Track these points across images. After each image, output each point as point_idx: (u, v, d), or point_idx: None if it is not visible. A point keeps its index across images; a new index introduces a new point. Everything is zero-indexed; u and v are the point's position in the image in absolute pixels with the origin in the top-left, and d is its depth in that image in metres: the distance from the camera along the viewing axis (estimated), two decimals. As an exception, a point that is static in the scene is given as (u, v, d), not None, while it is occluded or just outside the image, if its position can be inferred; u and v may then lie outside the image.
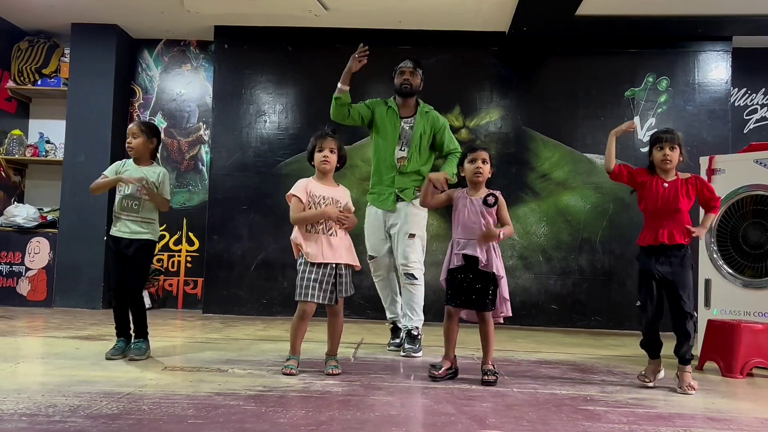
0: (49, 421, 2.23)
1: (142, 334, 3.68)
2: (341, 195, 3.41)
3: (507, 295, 3.29)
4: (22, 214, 6.33)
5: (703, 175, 4.42)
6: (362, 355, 4.04)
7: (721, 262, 4.27)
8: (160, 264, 6.65)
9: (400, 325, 4.25)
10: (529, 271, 6.15)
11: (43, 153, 6.61)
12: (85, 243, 6.25)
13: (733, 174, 4.25)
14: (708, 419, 2.62)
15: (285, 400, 2.66)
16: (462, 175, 3.41)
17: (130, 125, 3.76)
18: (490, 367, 3.23)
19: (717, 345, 3.80)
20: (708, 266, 4.30)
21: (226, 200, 6.33)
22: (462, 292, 3.25)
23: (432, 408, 2.64)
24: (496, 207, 3.27)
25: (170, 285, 6.67)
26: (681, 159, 3.31)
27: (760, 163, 4.12)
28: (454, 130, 6.22)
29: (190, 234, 6.68)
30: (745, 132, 6.49)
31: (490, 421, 2.44)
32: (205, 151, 6.74)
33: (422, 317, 4.15)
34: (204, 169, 6.72)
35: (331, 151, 3.39)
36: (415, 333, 4.08)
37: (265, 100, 6.44)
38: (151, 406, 2.48)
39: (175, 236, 6.67)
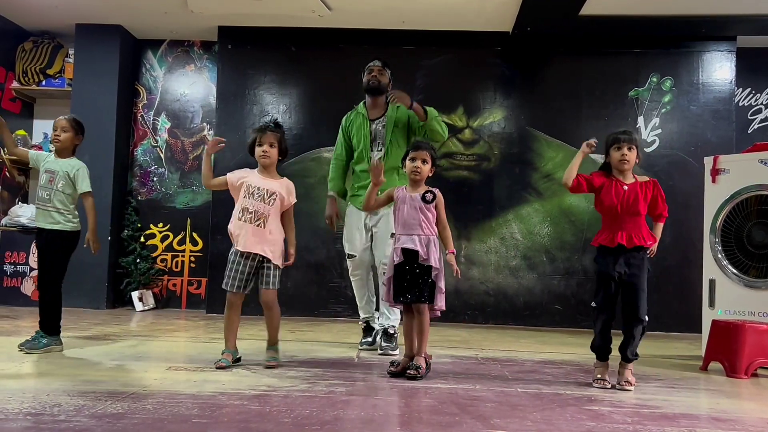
0: (54, 420, 2.23)
1: (47, 329, 3.70)
2: (278, 187, 3.44)
3: (443, 288, 3.33)
4: (26, 214, 6.34)
5: (708, 176, 4.42)
6: (366, 355, 4.04)
7: (725, 263, 4.26)
8: (163, 264, 6.66)
9: (374, 325, 4.30)
10: (533, 271, 6.14)
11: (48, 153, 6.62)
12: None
13: (738, 174, 4.24)
14: (713, 419, 2.62)
15: (289, 400, 2.67)
16: (403, 170, 3.51)
17: (60, 119, 3.84)
18: (421, 362, 3.27)
19: (721, 345, 3.79)
20: (712, 266, 4.29)
21: (229, 200, 6.21)
22: (404, 288, 3.31)
23: (436, 408, 2.64)
24: (434, 203, 3.34)
25: (174, 285, 6.67)
26: (638, 160, 3.35)
27: (765, 163, 4.11)
28: (458, 130, 6.23)
29: (194, 234, 6.68)
30: (749, 132, 6.47)
31: (494, 421, 2.44)
32: (208, 152, 6.73)
33: (399, 316, 4.01)
34: (208, 169, 6.72)
35: (271, 146, 3.44)
36: (392, 331, 4.12)
37: (269, 101, 6.45)
38: (156, 405, 2.48)
39: (179, 236, 6.67)
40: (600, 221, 3.47)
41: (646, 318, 3.22)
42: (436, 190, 3.39)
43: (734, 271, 4.22)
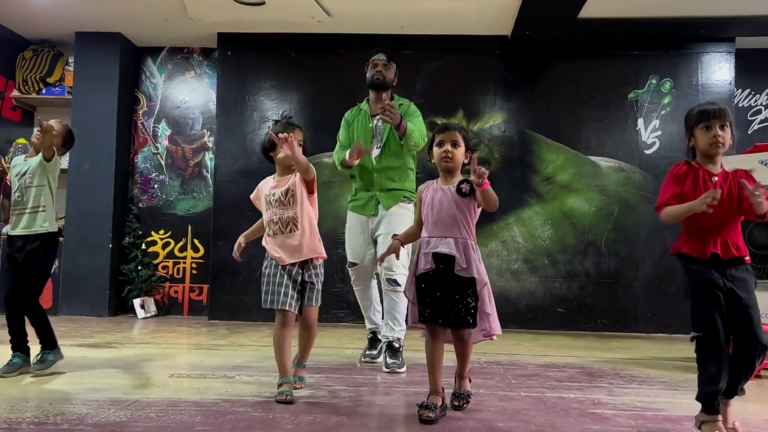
0: (58, 429, 2.23)
1: (48, 344, 3.34)
2: (291, 180, 3.00)
3: (489, 310, 2.59)
4: (27, 222, 6.33)
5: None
6: (369, 360, 4.03)
7: (727, 264, 4.23)
8: (165, 271, 6.66)
9: (380, 336, 3.91)
10: (535, 274, 6.14)
11: (49, 161, 6.63)
12: (91, 250, 6.27)
13: (739, 175, 4.23)
14: (717, 422, 2.61)
15: (292, 407, 2.66)
16: (432, 161, 2.81)
17: (51, 121, 3.44)
18: (467, 389, 2.78)
19: (725, 347, 3.75)
20: (714, 268, 4.27)
21: (230, 206, 6.34)
22: (440, 305, 2.59)
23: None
24: (473, 196, 2.61)
25: (176, 292, 6.67)
26: (732, 142, 2.43)
27: (766, 164, 4.11)
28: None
29: (195, 241, 6.69)
30: (749, 133, 6.47)
31: (498, 426, 2.44)
32: (209, 158, 6.75)
33: (404, 327, 3.72)
34: (208, 175, 6.73)
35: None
36: (397, 345, 3.70)
37: (269, 106, 6.46)
38: (159, 413, 2.48)
39: (180, 243, 6.67)
40: (599, 223, 3.41)
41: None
42: (472, 178, 2.53)
43: (736, 272, 4.19)
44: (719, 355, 2.27)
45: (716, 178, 2.41)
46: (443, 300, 2.58)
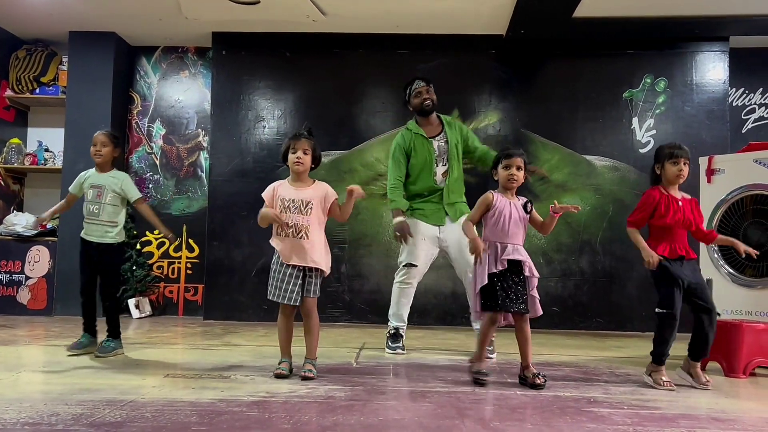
0: (52, 429, 2.22)
1: (114, 334, 3.95)
2: (312, 195, 3.34)
3: (537, 295, 3.34)
4: (21, 222, 6.32)
5: (703, 176, 4.43)
6: (365, 359, 4.03)
7: (722, 262, 4.27)
8: (160, 271, 6.64)
9: (402, 333, 4.34)
10: (530, 273, 6.14)
11: (42, 161, 6.61)
12: (85, 251, 6.24)
13: (733, 174, 4.26)
14: (712, 419, 2.62)
15: (288, 406, 2.66)
16: (495, 178, 3.48)
17: (98, 134, 4.02)
18: (535, 369, 3.25)
19: (719, 345, 3.78)
20: (709, 266, 4.30)
21: (225, 206, 6.33)
22: (512, 295, 3.24)
23: (436, 412, 2.63)
24: (531, 214, 3.41)
25: (171, 292, 6.66)
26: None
27: (760, 163, 4.13)
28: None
29: (190, 240, 6.67)
30: (743, 132, 6.49)
31: (494, 425, 2.44)
32: (204, 158, 6.73)
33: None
34: (203, 175, 6.72)
35: (305, 153, 3.33)
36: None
37: (264, 106, 6.45)
38: (154, 413, 2.47)
39: (175, 243, 6.65)
40: (594, 222, 3.64)
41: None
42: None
43: (731, 270, 4.23)
44: (675, 326, 3.27)
45: (680, 203, 3.31)
46: (514, 293, 3.23)
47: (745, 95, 6.56)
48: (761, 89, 6.56)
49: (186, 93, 6.82)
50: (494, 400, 2.89)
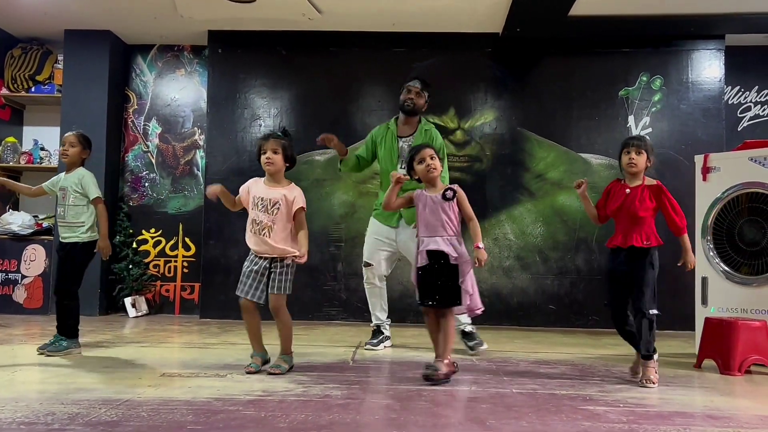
0: (48, 429, 2.22)
1: (66, 332, 3.94)
2: (281, 195, 3.39)
3: (470, 288, 3.28)
4: (17, 221, 6.31)
5: (698, 174, 4.44)
6: (360, 358, 4.03)
7: (717, 260, 4.28)
8: (156, 270, 6.63)
9: (384, 330, 4.43)
10: (526, 271, 6.15)
11: (38, 160, 6.59)
12: (81, 250, 6.23)
13: (728, 172, 4.27)
14: (707, 417, 2.63)
15: (284, 405, 2.66)
16: (416, 178, 3.42)
17: (68, 134, 4.02)
18: (441, 365, 3.21)
19: (715, 343, 3.81)
20: (704, 264, 4.31)
21: (222, 205, 6.23)
22: (432, 290, 3.27)
23: (431, 410, 2.64)
24: (455, 200, 3.30)
25: (167, 291, 6.65)
26: (649, 164, 3.42)
27: (755, 161, 4.14)
28: (450, 131, 6.24)
29: (187, 239, 6.66)
30: (739, 130, 6.50)
31: (489, 423, 2.44)
32: (200, 156, 6.72)
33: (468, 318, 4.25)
34: (199, 173, 6.71)
35: (274, 152, 3.38)
36: (469, 330, 4.30)
37: (260, 104, 6.44)
38: (150, 412, 2.47)
39: (171, 242, 6.64)
40: (590, 220, 3.70)
41: (651, 312, 3.29)
42: (456, 186, 3.35)
43: (726, 268, 4.24)
44: (614, 318, 3.46)
45: (628, 190, 3.41)
46: (437, 286, 3.25)
47: (740, 93, 6.57)
48: (757, 87, 6.57)
49: (182, 91, 6.80)
50: (490, 398, 2.90)
